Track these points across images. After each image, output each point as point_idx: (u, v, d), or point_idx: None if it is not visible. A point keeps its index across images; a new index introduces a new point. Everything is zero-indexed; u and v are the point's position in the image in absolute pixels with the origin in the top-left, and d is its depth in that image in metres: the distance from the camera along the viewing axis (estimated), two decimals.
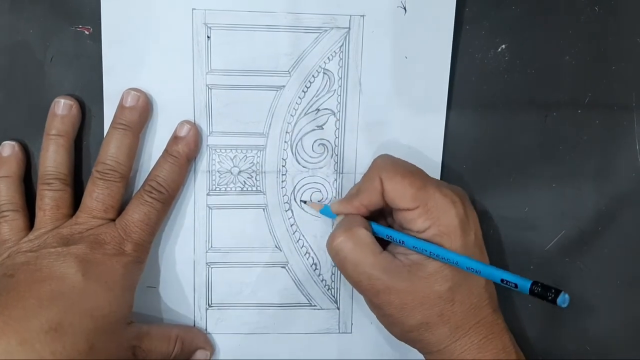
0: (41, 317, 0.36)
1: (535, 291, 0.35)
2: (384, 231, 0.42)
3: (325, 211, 0.45)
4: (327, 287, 0.47)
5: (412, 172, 0.41)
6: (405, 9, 0.44)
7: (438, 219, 0.40)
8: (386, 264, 0.40)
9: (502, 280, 0.37)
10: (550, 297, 0.35)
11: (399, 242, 0.41)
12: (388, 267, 0.40)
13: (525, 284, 0.36)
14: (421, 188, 0.40)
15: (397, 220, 0.42)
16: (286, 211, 0.46)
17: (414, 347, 0.42)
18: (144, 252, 0.42)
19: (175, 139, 0.44)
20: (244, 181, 0.46)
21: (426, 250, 0.40)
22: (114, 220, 0.42)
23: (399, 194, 0.40)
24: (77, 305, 0.37)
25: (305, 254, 0.47)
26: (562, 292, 0.34)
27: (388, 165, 0.42)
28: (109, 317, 0.39)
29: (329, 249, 0.42)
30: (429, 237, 0.40)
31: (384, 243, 0.42)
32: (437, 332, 0.40)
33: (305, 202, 0.46)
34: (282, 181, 0.46)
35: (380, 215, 0.44)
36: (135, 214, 0.42)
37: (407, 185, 0.40)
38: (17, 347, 0.34)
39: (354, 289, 0.46)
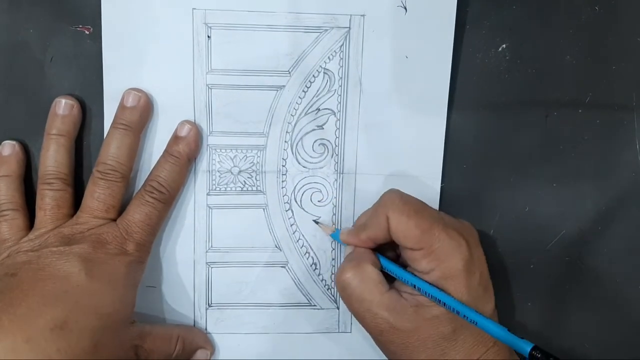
0: (46, 314, 0.36)
1: (536, 355, 0.36)
2: (391, 268, 0.43)
3: (335, 236, 0.46)
4: (326, 286, 0.48)
5: (418, 213, 0.41)
6: (405, 8, 0.44)
7: (443, 261, 0.40)
8: (391, 303, 0.41)
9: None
10: None
11: (405, 281, 0.42)
12: (393, 307, 0.41)
13: (525, 348, 0.36)
14: (427, 230, 0.40)
15: (404, 257, 0.43)
16: (286, 211, 0.46)
17: None
18: (145, 252, 0.43)
19: (175, 138, 0.44)
20: (244, 181, 0.46)
21: (429, 295, 0.40)
22: (115, 220, 0.42)
23: (404, 234, 0.41)
24: (81, 303, 0.38)
25: (305, 254, 0.47)
26: None
27: (395, 203, 0.42)
28: (112, 316, 0.39)
29: (336, 282, 0.43)
30: (433, 279, 0.40)
31: (391, 277, 0.43)
32: None
33: (317, 222, 0.47)
34: (282, 181, 0.46)
35: (390, 246, 0.44)
36: (137, 214, 0.42)
37: (413, 227, 0.40)
38: (23, 345, 0.34)
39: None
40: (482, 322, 0.39)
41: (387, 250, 0.45)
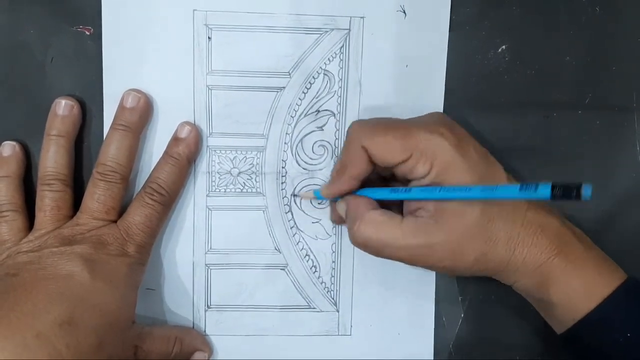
0: (53, 311, 0.37)
1: (557, 194, 0.34)
2: (389, 196, 0.43)
3: (318, 194, 0.46)
4: (326, 289, 0.49)
5: (389, 127, 0.42)
6: (404, 12, 0.46)
7: (435, 155, 0.40)
8: (414, 228, 0.41)
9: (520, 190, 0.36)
10: (574, 194, 0.33)
11: (409, 198, 0.42)
12: (418, 230, 0.40)
13: (545, 191, 0.34)
14: (406, 136, 0.40)
15: (398, 175, 0.42)
16: (286, 213, 0.48)
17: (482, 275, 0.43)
18: (146, 253, 0.44)
19: (175, 140, 0.45)
20: (244, 182, 0.47)
21: (437, 197, 0.40)
22: (115, 221, 0.44)
23: (388, 151, 0.41)
24: (86, 302, 0.39)
25: (305, 257, 0.48)
26: (584, 184, 0.33)
27: (364, 130, 0.42)
28: (115, 314, 0.40)
29: (356, 245, 0.43)
30: (434, 177, 0.40)
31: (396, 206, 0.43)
32: (494, 255, 0.41)
33: (296, 195, 0.47)
34: (282, 183, 0.47)
35: (374, 176, 0.45)
36: (137, 216, 0.43)
37: (392, 140, 0.41)
38: (33, 341, 0.36)
39: (353, 290, 0.49)
40: (493, 192, 0.38)
41: (370, 184, 0.44)
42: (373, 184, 0.44)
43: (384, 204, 0.43)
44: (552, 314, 0.43)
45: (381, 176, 0.45)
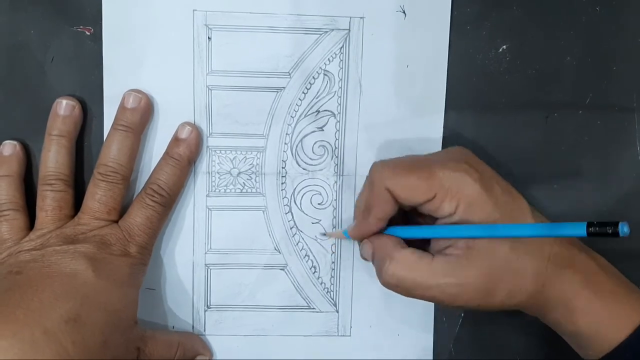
0: (60, 308, 0.38)
1: (593, 232, 0.34)
2: (417, 233, 0.43)
3: (347, 236, 0.47)
4: (326, 289, 0.49)
5: (412, 167, 0.42)
6: (404, 12, 0.46)
7: (460, 193, 0.41)
8: (444, 267, 0.41)
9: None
10: (610, 231, 0.33)
11: (437, 236, 0.42)
12: (448, 269, 0.41)
13: (580, 230, 0.35)
14: (430, 176, 0.41)
15: (424, 212, 0.43)
16: (286, 213, 0.48)
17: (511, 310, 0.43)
18: (147, 254, 0.45)
19: (176, 141, 0.46)
20: (244, 183, 0.48)
21: (465, 236, 0.41)
22: (116, 221, 0.44)
23: (412, 193, 0.41)
24: (91, 300, 0.39)
25: (304, 257, 0.49)
26: (620, 223, 0.33)
27: (387, 172, 0.42)
28: (119, 314, 0.41)
29: (386, 286, 0.43)
30: (461, 215, 0.41)
31: (420, 242, 0.44)
32: (523, 291, 0.41)
33: (325, 234, 0.48)
34: (282, 183, 0.48)
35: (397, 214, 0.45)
36: (138, 217, 0.44)
37: (416, 181, 0.41)
38: (41, 337, 0.36)
39: (353, 290, 0.49)
40: (520, 231, 0.39)
41: (393, 221, 0.45)
42: (394, 218, 0.45)
43: (408, 241, 0.44)
44: (582, 345, 0.43)
45: (402, 210, 0.45)
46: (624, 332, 0.41)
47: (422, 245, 0.44)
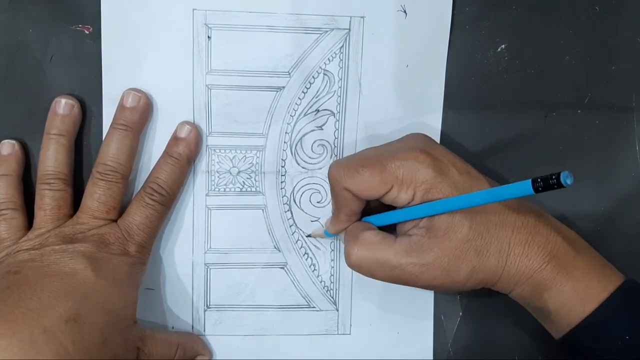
0: (59, 307, 0.38)
1: (540, 187, 0.34)
2: (383, 219, 0.44)
3: (328, 234, 0.48)
4: (325, 288, 0.50)
5: (364, 162, 0.43)
6: (405, 12, 0.47)
7: (415, 181, 0.41)
8: (406, 247, 0.42)
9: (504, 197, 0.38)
10: (554, 183, 0.34)
11: (400, 220, 0.43)
12: (410, 249, 0.42)
13: (527, 187, 0.35)
14: (382, 170, 0.42)
15: (387, 203, 0.44)
16: (285, 212, 0.49)
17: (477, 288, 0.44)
18: (146, 253, 0.45)
19: (175, 140, 0.46)
20: (243, 182, 0.48)
21: (425, 214, 0.42)
22: (115, 220, 0.45)
23: (368, 188, 0.42)
24: (90, 299, 0.40)
25: (304, 255, 0.49)
26: (561, 173, 0.34)
27: (342, 172, 0.43)
28: (119, 313, 0.41)
29: (350, 266, 0.44)
30: (419, 200, 0.42)
31: (391, 228, 0.45)
32: (486, 268, 0.42)
33: (309, 235, 0.49)
34: (282, 182, 0.48)
35: (376, 202, 0.45)
36: (137, 216, 0.44)
37: (369, 177, 0.42)
38: (40, 336, 0.36)
39: (353, 289, 0.50)
40: (478, 197, 0.39)
41: (374, 208, 0.46)
42: (377, 209, 0.46)
43: (384, 229, 0.45)
44: (548, 320, 0.44)
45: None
46: (588, 308, 0.41)
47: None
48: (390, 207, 0.46)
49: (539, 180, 0.35)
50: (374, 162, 0.42)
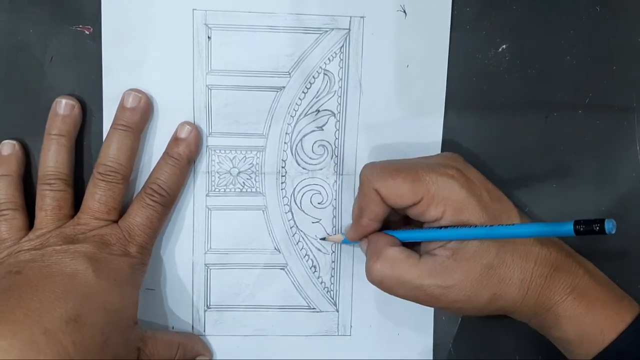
0: (60, 308, 0.38)
1: (581, 230, 0.35)
2: (408, 236, 0.44)
3: (345, 241, 0.48)
4: (326, 289, 0.50)
5: (399, 169, 0.43)
6: (405, 12, 0.47)
7: (447, 199, 0.41)
8: (430, 268, 0.42)
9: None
10: (597, 229, 0.34)
11: (426, 239, 0.43)
12: (434, 270, 0.42)
13: (568, 228, 0.35)
14: (416, 179, 0.42)
15: (413, 217, 0.44)
16: (286, 213, 0.49)
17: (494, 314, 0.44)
18: (147, 254, 0.45)
19: (175, 140, 0.46)
20: (244, 182, 0.48)
21: (453, 238, 0.41)
22: (116, 221, 0.45)
23: (399, 194, 0.42)
24: (91, 300, 0.40)
25: (304, 256, 0.49)
26: (607, 220, 0.34)
27: (375, 173, 0.43)
28: (120, 313, 0.41)
29: (371, 282, 0.44)
30: (449, 220, 0.41)
31: (414, 243, 0.45)
32: (507, 296, 0.42)
33: (324, 238, 0.49)
34: (282, 182, 0.48)
35: (394, 218, 0.46)
36: (138, 217, 0.44)
37: (402, 183, 0.42)
38: (41, 337, 0.36)
39: (353, 290, 0.50)
40: (511, 231, 0.39)
41: (394, 223, 0.46)
42: (397, 225, 0.46)
43: (405, 244, 0.45)
44: (567, 350, 0.44)
45: (404, 217, 0.46)
46: (607, 339, 0.42)
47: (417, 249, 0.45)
48: (410, 222, 0.46)
49: (581, 222, 0.35)
50: (409, 170, 0.42)
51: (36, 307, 0.38)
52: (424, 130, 0.48)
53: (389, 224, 0.46)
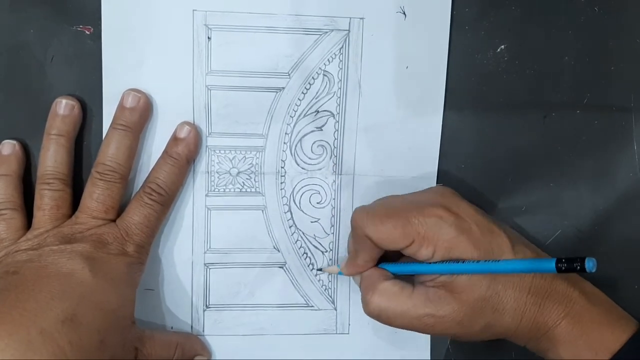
0: (56, 308, 0.38)
1: (562, 268, 0.36)
2: (402, 270, 0.45)
3: (341, 273, 0.48)
4: (324, 287, 0.50)
5: (388, 214, 0.43)
6: (404, 13, 0.47)
7: (437, 239, 0.42)
8: (424, 299, 0.43)
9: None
10: (577, 267, 0.36)
11: (420, 273, 0.44)
12: (428, 301, 0.43)
13: (550, 265, 0.37)
14: (406, 224, 0.43)
15: (406, 254, 0.44)
16: (285, 213, 0.49)
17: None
18: (145, 253, 0.45)
19: (175, 140, 0.46)
20: (243, 182, 0.48)
21: (445, 273, 0.43)
22: (114, 220, 0.45)
23: (390, 239, 0.43)
24: (87, 299, 0.40)
25: (302, 255, 0.50)
26: (587, 258, 0.35)
27: (364, 219, 0.44)
28: (117, 313, 0.41)
29: (369, 315, 0.45)
30: (440, 258, 0.43)
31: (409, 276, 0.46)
32: (501, 325, 0.43)
33: (320, 269, 0.50)
34: (281, 182, 0.49)
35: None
36: (136, 216, 0.45)
37: (392, 229, 0.43)
38: (37, 337, 0.36)
39: (351, 289, 0.50)
40: (496, 267, 0.41)
41: (390, 254, 0.46)
42: (393, 255, 0.46)
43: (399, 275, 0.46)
44: None
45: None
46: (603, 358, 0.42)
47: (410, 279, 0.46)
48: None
49: (563, 261, 0.36)
50: (399, 215, 0.43)
51: (32, 308, 0.38)
52: (423, 130, 0.48)
53: (386, 255, 0.46)
